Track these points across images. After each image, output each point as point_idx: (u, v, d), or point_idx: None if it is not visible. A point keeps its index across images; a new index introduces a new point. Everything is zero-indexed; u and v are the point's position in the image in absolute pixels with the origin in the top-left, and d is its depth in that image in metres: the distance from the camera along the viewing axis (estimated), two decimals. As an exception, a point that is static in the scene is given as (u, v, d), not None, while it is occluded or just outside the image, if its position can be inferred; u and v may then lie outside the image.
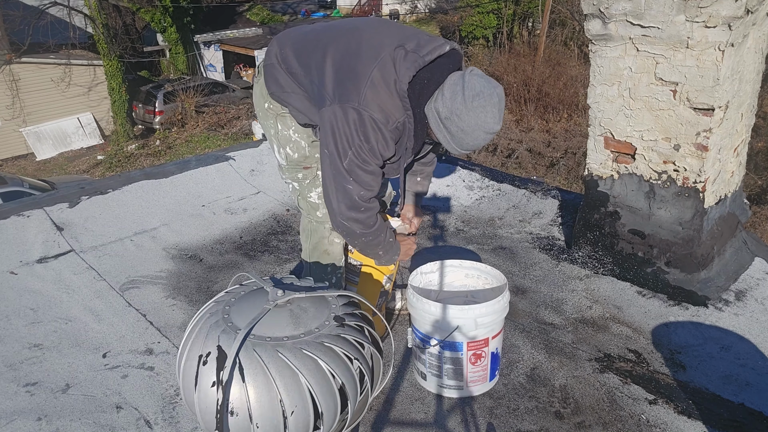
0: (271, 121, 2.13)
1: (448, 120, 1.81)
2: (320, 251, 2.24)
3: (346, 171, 1.87)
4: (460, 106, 1.77)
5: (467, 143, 1.84)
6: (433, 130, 1.87)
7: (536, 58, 18.28)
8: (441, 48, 1.87)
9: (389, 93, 1.83)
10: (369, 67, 1.83)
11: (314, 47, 1.96)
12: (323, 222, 2.19)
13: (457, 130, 1.81)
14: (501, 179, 3.66)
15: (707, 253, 2.54)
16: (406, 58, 1.83)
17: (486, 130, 1.80)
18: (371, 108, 1.81)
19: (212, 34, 20.50)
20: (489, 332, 1.94)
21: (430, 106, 1.85)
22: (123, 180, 3.58)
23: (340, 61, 1.88)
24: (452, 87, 1.80)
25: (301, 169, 2.17)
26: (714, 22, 2.17)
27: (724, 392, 2.05)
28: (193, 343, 1.54)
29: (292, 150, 2.14)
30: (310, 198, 2.18)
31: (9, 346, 2.25)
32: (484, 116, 1.77)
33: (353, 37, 1.94)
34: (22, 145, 16.34)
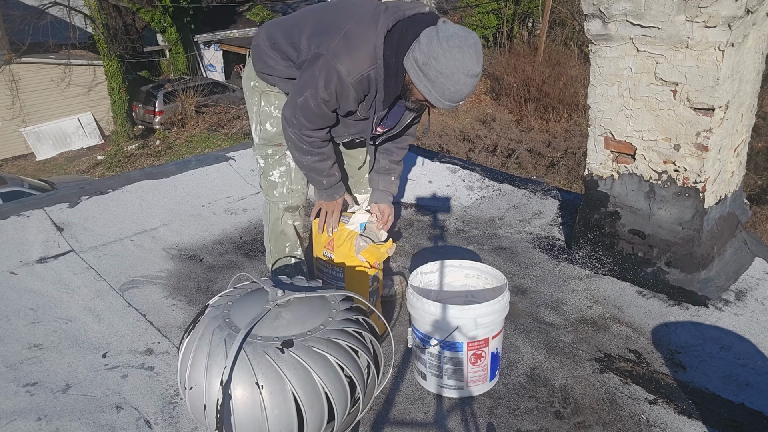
0: (256, 98, 2.25)
1: (426, 65, 1.82)
2: (277, 232, 2.35)
3: (299, 106, 1.99)
4: (436, 48, 1.80)
5: (449, 89, 1.84)
6: (414, 83, 1.89)
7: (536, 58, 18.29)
8: (421, 8, 1.96)
9: (361, 42, 1.88)
10: (346, 21, 1.92)
11: (299, 19, 2.10)
12: (278, 202, 2.31)
13: (437, 74, 1.81)
14: (501, 179, 3.66)
15: (707, 253, 2.54)
16: (386, 11, 1.91)
17: (465, 72, 1.81)
18: (337, 58, 1.88)
19: (212, 34, 20.50)
20: (489, 332, 1.94)
21: (408, 58, 1.87)
22: (123, 180, 3.58)
23: (322, 20, 2.00)
24: (428, 34, 1.84)
25: (272, 145, 2.27)
26: (714, 22, 2.17)
27: (724, 392, 2.05)
28: (192, 344, 1.54)
29: (271, 125, 2.25)
30: (270, 176, 2.30)
31: (9, 346, 2.25)
32: (461, 56, 1.79)
33: (335, 4, 2.07)
34: (22, 145, 16.34)
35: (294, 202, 2.34)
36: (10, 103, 15.76)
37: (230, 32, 20.99)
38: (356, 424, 1.76)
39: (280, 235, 2.36)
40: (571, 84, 16.66)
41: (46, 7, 15.78)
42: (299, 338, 1.51)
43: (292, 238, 2.37)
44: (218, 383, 1.42)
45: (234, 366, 1.42)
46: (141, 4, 18.03)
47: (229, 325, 1.53)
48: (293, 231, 2.36)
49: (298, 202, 2.35)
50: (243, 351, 1.44)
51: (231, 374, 1.42)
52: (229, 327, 1.52)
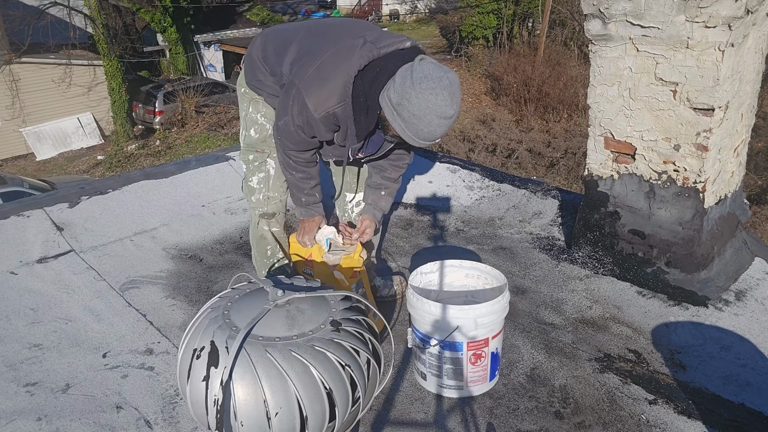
0: (245, 104, 2.31)
1: (400, 106, 1.81)
2: (257, 237, 2.40)
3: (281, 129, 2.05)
4: (409, 89, 1.78)
5: (422, 130, 1.82)
6: (389, 121, 1.88)
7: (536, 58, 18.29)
8: (401, 43, 1.94)
9: (333, 77, 1.89)
10: (325, 51, 1.93)
11: (290, 38, 2.11)
12: (255, 207, 2.36)
13: (409, 115, 1.80)
14: (501, 179, 3.66)
15: (707, 253, 2.54)
16: (364, 47, 1.90)
17: (438, 114, 1.78)
18: (307, 92, 1.90)
19: (212, 34, 20.51)
20: (489, 332, 1.94)
21: (383, 96, 1.86)
22: (123, 180, 3.57)
23: (305, 46, 2.02)
24: (402, 73, 1.82)
25: (254, 151, 2.31)
26: (714, 22, 2.17)
27: (724, 392, 2.05)
28: (192, 344, 1.54)
29: (255, 131, 2.30)
30: (250, 182, 2.34)
31: (9, 346, 2.25)
32: (434, 98, 1.76)
33: (325, 28, 2.10)
34: (22, 145, 16.34)
35: (270, 209, 2.35)
36: (10, 103, 15.76)
37: (230, 32, 21.00)
38: (356, 424, 1.76)
39: (260, 240, 2.40)
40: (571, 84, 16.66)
41: (46, 7, 15.79)
42: (300, 337, 1.51)
43: (271, 242, 2.40)
44: (218, 383, 1.42)
45: (234, 366, 1.42)
46: (141, 4, 18.04)
47: (229, 325, 1.53)
48: (271, 236, 2.39)
49: (274, 209, 2.36)
50: (245, 351, 1.44)
51: (231, 374, 1.42)
52: (229, 327, 1.52)
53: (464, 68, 21.46)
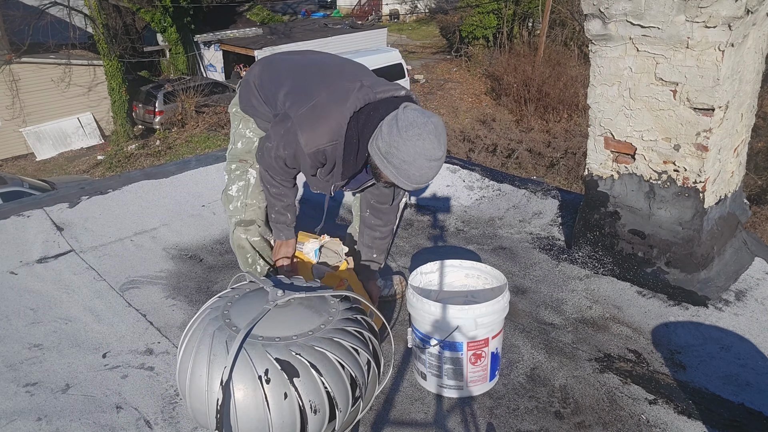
0: (236, 122, 2.37)
1: (389, 154, 1.85)
2: (236, 245, 2.41)
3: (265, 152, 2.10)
4: (396, 138, 1.82)
5: (414, 174, 1.86)
6: (380, 169, 1.92)
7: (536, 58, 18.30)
8: (396, 91, 1.99)
9: (326, 117, 1.92)
10: (321, 89, 1.97)
11: (288, 69, 2.16)
12: (231, 216, 2.38)
13: (400, 162, 1.85)
14: (501, 179, 3.66)
15: (707, 253, 2.54)
16: (360, 90, 1.94)
17: (427, 157, 1.83)
18: (300, 127, 1.93)
19: (212, 34, 20.50)
20: (489, 332, 1.94)
21: (372, 145, 1.91)
22: (123, 180, 3.58)
23: (302, 81, 2.06)
24: (388, 122, 1.87)
25: (237, 161, 2.35)
26: (714, 22, 2.17)
27: (724, 392, 2.05)
28: (192, 344, 1.54)
29: (242, 144, 2.34)
30: (229, 191, 2.37)
31: (9, 346, 2.25)
32: (421, 144, 1.81)
33: (323, 67, 2.13)
34: (22, 145, 16.35)
35: (247, 216, 2.35)
36: (10, 103, 15.77)
37: (230, 32, 20.99)
38: (356, 424, 1.76)
39: (238, 249, 2.40)
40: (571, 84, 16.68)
41: (46, 7, 15.79)
42: (300, 338, 1.51)
43: (249, 250, 2.40)
44: (218, 383, 1.42)
45: (234, 366, 1.42)
46: (141, 4, 18.04)
47: (229, 326, 1.53)
48: (248, 245, 2.39)
49: (252, 216, 2.36)
50: (245, 351, 1.44)
51: (231, 374, 1.42)
52: (229, 327, 1.52)
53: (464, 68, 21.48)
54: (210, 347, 1.49)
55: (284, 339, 1.49)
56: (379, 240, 2.42)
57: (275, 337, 1.49)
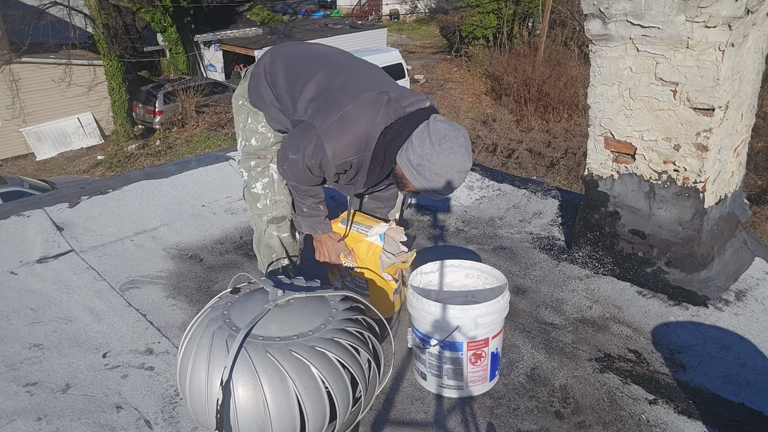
0: (243, 116, 2.28)
1: (421, 166, 1.88)
2: (263, 245, 2.36)
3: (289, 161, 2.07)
4: (429, 150, 1.85)
5: (443, 186, 1.91)
6: (408, 179, 1.95)
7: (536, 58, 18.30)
8: (422, 103, 1.99)
9: (355, 129, 1.92)
10: (347, 101, 1.94)
11: (305, 69, 2.09)
12: (262, 214, 2.32)
13: (431, 174, 1.88)
14: (501, 179, 3.66)
15: (707, 253, 2.54)
16: (389, 104, 1.93)
17: (458, 169, 1.88)
18: (327, 138, 1.92)
19: (212, 34, 20.50)
20: (489, 332, 1.94)
21: (402, 156, 1.93)
22: (123, 180, 3.58)
23: (325, 88, 2.01)
24: (419, 135, 1.89)
25: (255, 158, 2.29)
26: (714, 22, 2.17)
27: (724, 392, 2.05)
28: (193, 344, 1.54)
29: (256, 140, 2.27)
30: (254, 188, 2.31)
31: (9, 346, 2.25)
32: (453, 156, 1.85)
33: (343, 71, 2.07)
34: (22, 145, 16.34)
35: (279, 213, 2.33)
36: (10, 103, 15.76)
37: (230, 32, 20.99)
38: (356, 424, 1.76)
39: (265, 248, 2.37)
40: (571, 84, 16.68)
41: (46, 7, 15.79)
42: (301, 338, 1.51)
43: (277, 249, 2.37)
44: (218, 383, 1.42)
45: (234, 366, 1.42)
46: (141, 4, 18.04)
47: (229, 326, 1.53)
48: (278, 243, 2.36)
49: (283, 212, 2.34)
50: (245, 351, 1.44)
51: (231, 374, 1.42)
52: (229, 327, 1.52)
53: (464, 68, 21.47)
54: (210, 347, 1.49)
55: (284, 339, 1.49)
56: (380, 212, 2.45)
57: (275, 337, 1.49)
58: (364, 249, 2.26)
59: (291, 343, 1.48)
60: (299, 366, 1.45)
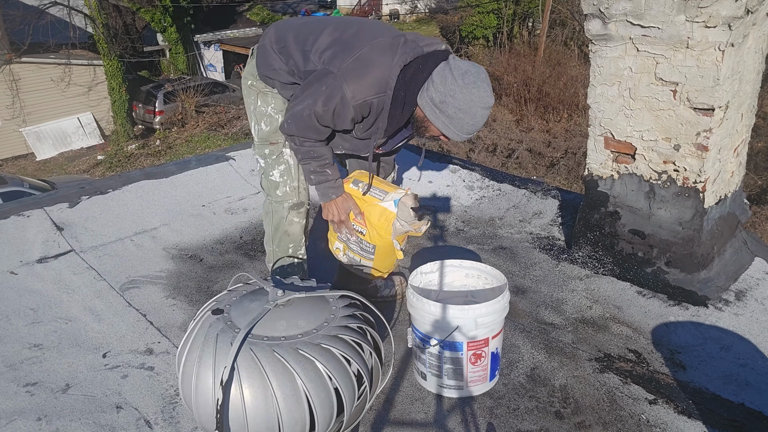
0: (253, 97, 2.23)
1: (444, 104, 1.86)
2: (281, 232, 2.31)
3: (293, 114, 2.00)
4: (452, 86, 1.84)
5: (467, 123, 1.88)
6: (431, 120, 1.92)
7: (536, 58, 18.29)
8: (438, 45, 1.99)
9: (373, 68, 1.89)
10: (362, 44, 1.93)
11: (314, 27, 2.08)
12: (282, 201, 2.27)
13: (455, 110, 1.86)
14: (501, 179, 3.66)
15: (707, 253, 2.54)
16: (405, 44, 1.92)
17: (482, 105, 1.87)
18: (345, 79, 1.89)
19: (212, 34, 20.51)
20: (489, 332, 1.94)
21: (423, 96, 1.91)
22: (123, 180, 3.58)
23: (338, 38, 1.99)
24: (440, 73, 1.87)
25: (268, 144, 2.24)
26: (714, 22, 2.17)
27: (724, 392, 2.05)
28: (193, 344, 1.54)
29: (266, 124, 2.23)
30: (271, 176, 2.27)
31: (9, 346, 2.25)
32: (477, 91, 1.85)
33: (354, 24, 2.06)
34: (22, 145, 16.34)
35: (299, 199, 2.30)
36: (10, 103, 15.76)
37: (230, 32, 21.00)
38: (356, 425, 1.76)
39: (283, 236, 2.32)
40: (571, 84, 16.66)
41: (46, 7, 15.78)
42: (306, 336, 1.52)
43: (296, 238, 2.33)
44: (219, 383, 1.42)
45: (234, 366, 1.42)
46: (141, 4, 18.03)
47: (229, 326, 1.53)
48: (298, 230, 2.33)
49: (303, 198, 2.31)
50: (252, 352, 1.45)
51: (231, 374, 1.42)
52: (229, 327, 1.52)
53: (464, 68, 21.39)
54: (210, 347, 1.49)
55: (290, 338, 1.50)
56: None
57: (281, 337, 1.50)
58: (377, 214, 2.20)
59: (297, 342, 1.49)
60: (307, 364, 1.46)
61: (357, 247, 2.32)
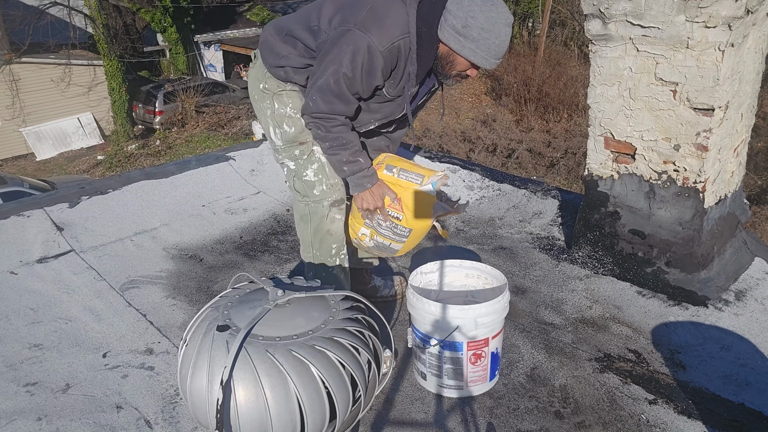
0: (267, 102, 2.13)
1: (467, 27, 1.84)
2: (323, 233, 2.20)
3: (317, 87, 1.91)
4: (470, 7, 1.83)
5: (494, 43, 1.86)
6: (457, 51, 1.90)
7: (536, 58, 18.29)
8: None
9: (391, 12, 1.87)
10: None
11: (312, 7, 2.04)
12: (321, 200, 2.17)
13: (479, 31, 1.84)
14: (501, 179, 3.66)
15: (707, 253, 2.54)
16: None
17: (504, 22, 1.85)
18: (366, 28, 1.84)
19: (212, 34, 20.50)
20: (489, 332, 1.94)
21: (444, 29, 1.88)
22: (123, 180, 3.58)
23: (341, 2, 1.95)
24: (454, 0, 1.86)
25: (297, 145, 2.15)
26: (714, 22, 2.17)
27: (724, 392, 2.05)
28: (193, 344, 1.54)
29: (289, 125, 2.13)
30: (305, 176, 2.16)
31: (9, 346, 2.25)
32: (495, 8, 1.83)
33: None
34: (22, 145, 16.34)
35: (337, 196, 2.20)
36: (10, 103, 15.75)
37: (230, 32, 20.99)
38: (356, 425, 1.76)
39: (325, 236, 2.20)
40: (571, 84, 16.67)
41: (46, 7, 15.78)
42: (300, 337, 1.51)
43: (339, 237, 2.22)
44: (219, 383, 1.42)
45: (234, 366, 1.42)
46: (141, 4, 18.03)
47: (229, 325, 1.53)
48: (340, 228, 2.22)
49: (341, 194, 2.21)
50: (245, 350, 1.44)
51: (231, 374, 1.42)
52: (229, 327, 1.52)
53: (464, 68, 21.39)
54: (210, 347, 1.49)
55: (285, 339, 1.49)
56: None
57: (276, 337, 1.49)
58: (418, 198, 2.10)
59: (291, 343, 1.48)
60: (299, 366, 1.45)
61: (389, 232, 2.21)
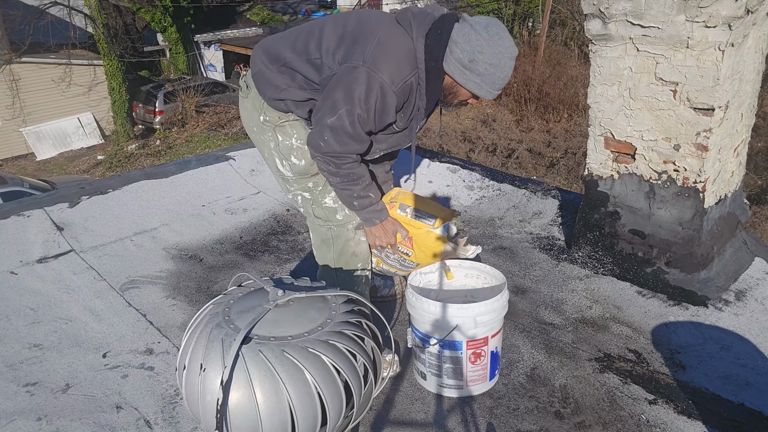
0: (269, 134, 2.06)
1: (473, 62, 1.82)
2: (348, 255, 2.15)
3: (329, 127, 1.85)
4: (478, 42, 1.80)
5: (498, 77, 1.85)
6: (462, 84, 1.88)
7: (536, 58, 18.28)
8: (442, 9, 1.94)
9: (399, 47, 1.83)
10: (375, 29, 1.85)
11: (308, 34, 1.95)
12: (345, 224, 2.12)
13: (486, 66, 1.82)
14: (501, 179, 3.66)
15: (707, 253, 2.54)
16: (416, 17, 1.86)
17: (509, 56, 1.84)
18: (377, 67, 1.79)
19: (212, 34, 20.50)
20: (488, 331, 1.94)
21: (449, 61, 1.85)
22: (123, 180, 3.58)
23: (342, 33, 1.89)
24: (461, 32, 1.83)
25: (310, 177, 2.09)
26: (714, 22, 2.17)
27: (724, 392, 2.05)
28: (192, 344, 1.54)
29: (297, 158, 2.06)
30: (325, 204, 2.11)
31: (9, 346, 2.25)
32: (502, 42, 1.82)
33: (351, 15, 1.96)
34: (22, 145, 16.34)
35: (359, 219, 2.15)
36: (10, 103, 15.75)
37: (230, 32, 20.99)
38: (356, 425, 1.76)
39: (351, 258, 2.15)
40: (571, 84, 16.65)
41: (46, 7, 15.78)
42: (295, 339, 1.50)
43: (364, 256, 2.18)
44: (218, 383, 1.42)
45: (234, 366, 1.42)
46: (141, 4, 18.03)
47: (229, 326, 1.53)
48: (366, 248, 2.18)
49: None
50: (261, 353, 1.44)
51: (231, 374, 1.42)
52: (229, 327, 1.52)
53: (464, 68, 21.38)
54: (210, 347, 1.49)
55: (279, 339, 1.49)
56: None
57: (270, 337, 1.49)
58: (429, 239, 2.13)
59: (285, 344, 1.47)
60: (291, 367, 1.44)
61: (396, 263, 2.26)
